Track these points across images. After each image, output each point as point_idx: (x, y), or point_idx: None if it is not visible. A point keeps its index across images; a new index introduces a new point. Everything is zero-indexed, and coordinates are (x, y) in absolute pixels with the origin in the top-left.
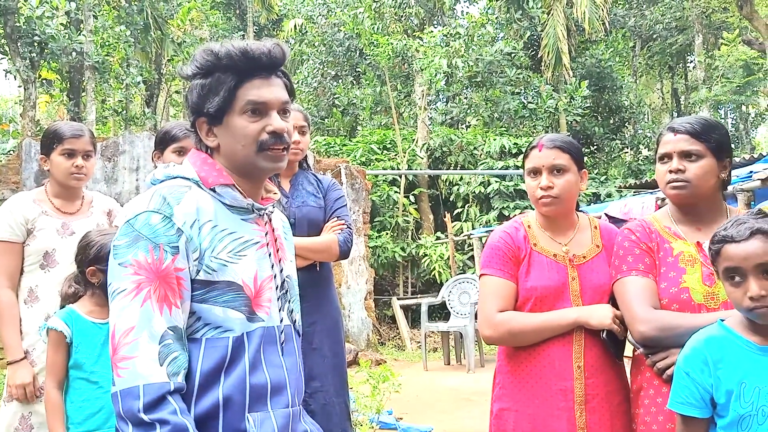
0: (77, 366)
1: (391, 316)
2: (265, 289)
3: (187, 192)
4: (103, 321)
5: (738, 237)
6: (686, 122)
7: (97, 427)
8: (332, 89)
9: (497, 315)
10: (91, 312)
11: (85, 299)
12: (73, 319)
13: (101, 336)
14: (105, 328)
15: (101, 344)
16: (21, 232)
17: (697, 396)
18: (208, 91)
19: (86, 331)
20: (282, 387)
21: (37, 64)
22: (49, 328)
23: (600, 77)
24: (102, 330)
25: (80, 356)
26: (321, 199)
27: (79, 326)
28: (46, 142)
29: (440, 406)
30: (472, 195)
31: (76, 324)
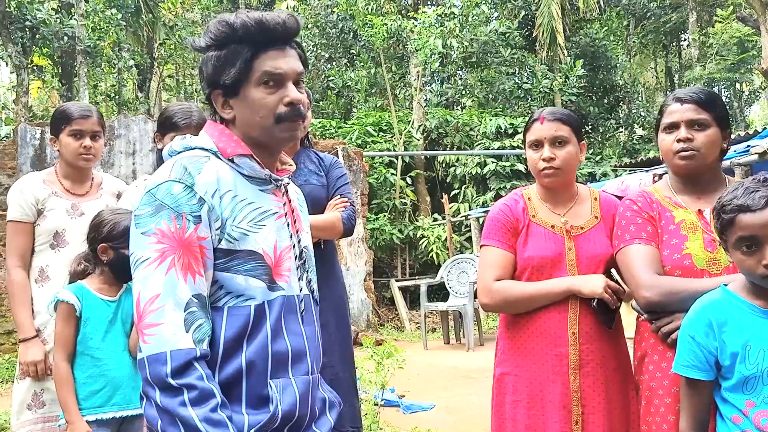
0: (84, 341)
1: (389, 297)
2: (285, 258)
3: (207, 162)
4: (111, 299)
5: (754, 206)
6: (692, 92)
7: (100, 405)
8: (326, 71)
9: (494, 284)
10: (100, 289)
11: (94, 277)
12: (83, 293)
13: (109, 313)
14: (113, 306)
15: (108, 321)
16: (32, 213)
17: (702, 359)
18: (224, 62)
19: (95, 307)
20: (302, 354)
21: (28, 50)
22: (59, 301)
23: (594, 56)
24: (110, 307)
25: (88, 331)
26: (323, 177)
27: (89, 301)
28: (55, 122)
29: (441, 384)
30: (469, 176)
31: (85, 299)
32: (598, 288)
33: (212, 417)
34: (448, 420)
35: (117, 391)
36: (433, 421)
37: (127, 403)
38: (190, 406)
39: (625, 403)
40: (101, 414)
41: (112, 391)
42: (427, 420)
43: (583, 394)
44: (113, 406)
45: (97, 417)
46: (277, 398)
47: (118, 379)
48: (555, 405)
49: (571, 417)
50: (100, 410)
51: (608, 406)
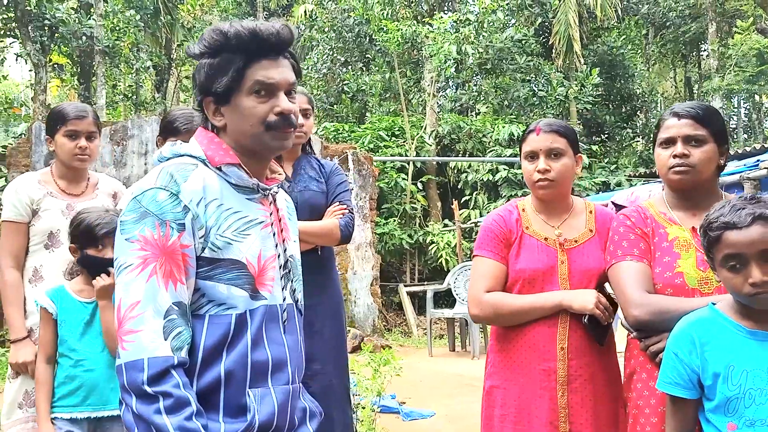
0: (61, 342)
1: (398, 302)
2: (269, 268)
3: (194, 170)
4: (88, 300)
5: (740, 223)
6: (689, 107)
7: (75, 404)
8: (341, 75)
9: (485, 295)
10: (81, 291)
11: (79, 278)
12: (61, 296)
13: (85, 314)
14: (90, 308)
15: (85, 323)
16: (26, 213)
17: (685, 377)
18: (216, 70)
19: (71, 309)
20: (283, 364)
21: (47, 48)
22: (39, 305)
23: (612, 65)
24: (87, 309)
25: (64, 332)
26: (323, 184)
27: (65, 303)
28: (51, 123)
29: (444, 391)
30: (481, 182)
31: (62, 301)
32: (588, 303)
33: (186, 426)
34: (448, 428)
35: (93, 392)
36: (433, 428)
37: (103, 403)
38: (165, 414)
39: (614, 420)
40: (76, 413)
41: (88, 392)
42: (427, 428)
43: (570, 411)
44: (88, 406)
45: (72, 416)
46: (254, 407)
47: (94, 380)
48: (542, 420)
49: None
50: (75, 409)
51: (596, 423)
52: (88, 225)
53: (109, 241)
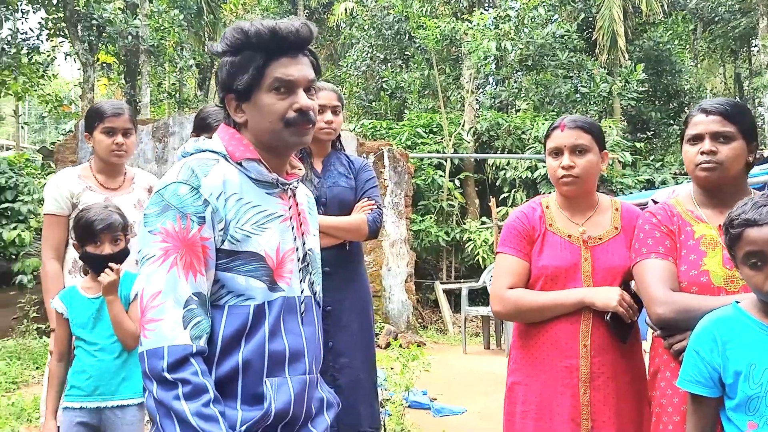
0: (76, 337)
1: (434, 300)
2: (287, 260)
3: (214, 165)
4: (95, 296)
5: (761, 221)
6: (717, 103)
7: (86, 394)
8: (380, 73)
9: (507, 292)
10: (89, 288)
11: (89, 275)
12: (71, 295)
13: (93, 309)
14: (96, 303)
15: (92, 317)
16: (66, 206)
17: (706, 375)
18: (237, 68)
19: (80, 306)
20: (300, 355)
21: (95, 48)
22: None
23: (658, 61)
24: (94, 304)
25: (75, 329)
26: (352, 180)
27: (75, 302)
28: (89, 120)
29: (477, 389)
30: (519, 180)
31: (72, 300)
32: (611, 301)
33: (204, 411)
34: (479, 426)
35: (102, 383)
36: (464, 425)
37: (111, 393)
38: (183, 400)
39: (638, 418)
40: (86, 403)
41: (98, 382)
42: (457, 424)
43: (593, 408)
44: (98, 396)
45: (82, 405)
46: (271, 396)
47: (103, 372)
48: (564, 417)
49: (580, 430)
50: (85, 399)
51: (619, 421)
52: (86, 222)
53: (106, 237)
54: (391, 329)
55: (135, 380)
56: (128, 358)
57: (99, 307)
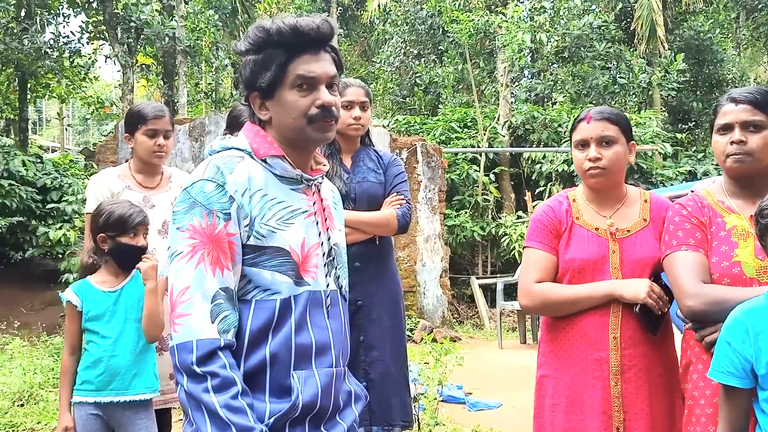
0: (90, 331)
1: (470, 295)
2: (312, 255)
3: (240, 162)
4: (111, 290)
5: None
6: (747, 92)
7: (98, 388)
8: (414, 68)
9: (534, 286)
10: (104, 282)
11: (102, 270)
12: (86, 289)
13: (109, 303)
14: (113, 297)
15: (108, 312)
16: None
17: (738, 365)
18: (261, 66)
19: (96, 300)
20: (326, 348)
21: (134, 50)
22: (66, 300)
23: (699, 50)
24: (110, 298)
25: (90, 323)
26: (381, 175)
27: (90, 296)
28: (131, 122)
29: (511, 383)
30: (555, 173)
31: (87, 294)
32: (640, 293)
33: (232, 404)
34: (514, 420)
35: (116, 377)
36: (498, 420)
37: (125, 388)
38: (212, 393)
39: (671, 410)
40: (99, 397)
41: (111, 377)
42: (492, 419)
43: (624, 401)
44: (111, 390)
45: (96, 400)
46: (298, 389)
47: (117, 366)
48: (595, 410)
49: (612, 423)
50: (99, 393)
51: (652, 413)
52: (120, 216)
53: (141, 229)
54: (426, 324)
55: (146, 376)
56: (142, 353)
57: (116, 300)
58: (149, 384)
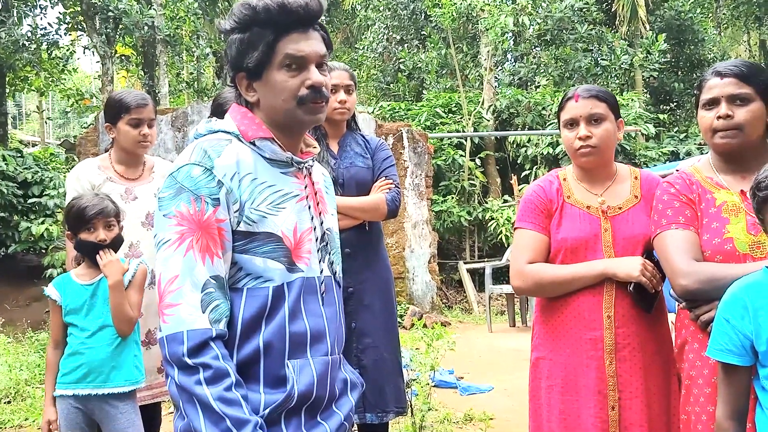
0: (70, 324)
1: (458, 280)
2: (305, 240)
3: (227, 145)
4: (88, 283)
5: None
6: (732, 65)
7: (76, 381)
8: (397, 54)
9: (526, 267)
10: (83, 275)
11: (84, 263)
12: (66, 283)
13: (86, 296)
14: (90, 289)
15: (86, 304)
16: None
17: (737, 343)
18: (247, 45)
19: (74, 293)
20: (321, 335)
21: (112, 40)
22: (47, 295)
23: (680, 30)
24: (87, 291)
25: (69, 316)
26: (369, 160)
27: (68, 289)
28: (112, 111)
29: (502, 367)
30: (540, 156)
31: (66, 287)
32: (634, 271)
33: (226, 396)
34: (506, 403)
35: (94, 370)
36: (490, 403)
37: (104, 381)
38: (205, 385)
39: (666, 389)
40: (78, 390)
41: (89, 370)
42: (484, 402)
43: (619, 380)
44: (89, 383)
45: (74, 392)
46: (293, 378)
47: (95, 359)
48: (590, 390)
49: (607, 402)
50: (77, 386)
51: (647, 391)
52: (78, 209)
53: (99, 222)
54: (415, 310)
55: (126, 369)
56: (120, 346)
57: (92, 293)
58: (129, 377)
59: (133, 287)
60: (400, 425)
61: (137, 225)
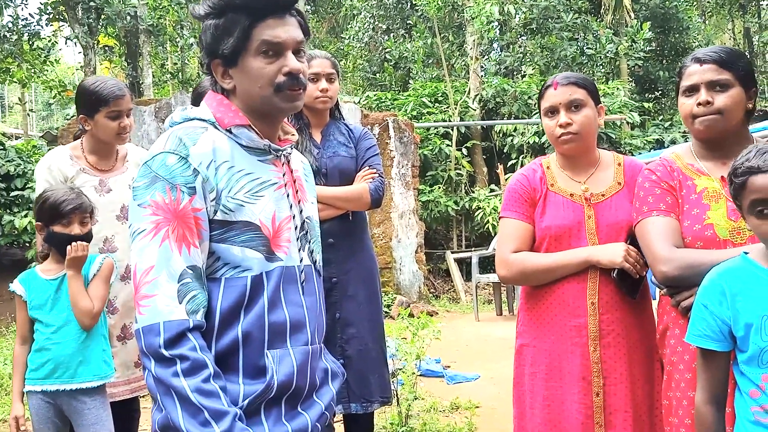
0: (36, 319)
1: (445, 269)
2: (284, 229)
3: (203, 133)
4: (52, 277)
5: (765, 167)
6: (711, 51)
7: (44, 377)
8: (383, 43)
9: (511, 256)
10: (48, 270)
11: (50, 258)
12: (31, 279)
13: (51, 291)
14: (54, 284)
15: (50, 299)
16: None
17: (715, 328)
18: (222, 31)
19: (38, 288)
20: (301, 325)
21: (95, 30)
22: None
23: (665, 18)
24: (52, 285)
25: (33, 311)
26: (353, 149)
27: (33, 284)
28: (89, 103)
29: (489, 355)
30: (527, 145)
31: (31, 282)
32: (617, 257)
33: (204, 387)
34: (492, 391)
35: (60, 365)
36: (477, 391)
37: (71, 377)
38: (182, 377)
39: (650, 375)
40: (46, 385)
41: (56, 365)
42: (470, 390)
43: (603, 366)
44: (57, 379)
45: (43, 388)
46: (273, 368)
47: (61, 354)
48: (574, 376)
49: (591, 388)
50: (45, 382)
51: (631, 377)
52: (54, 202)
53: (75, 217)
54: (402, 300)
55: (94, 363)
56: (86, 341)
57: (57, 288)
58: (97, 371)
59: (97, 279)
60: (386, 414)
61: (112, 219)
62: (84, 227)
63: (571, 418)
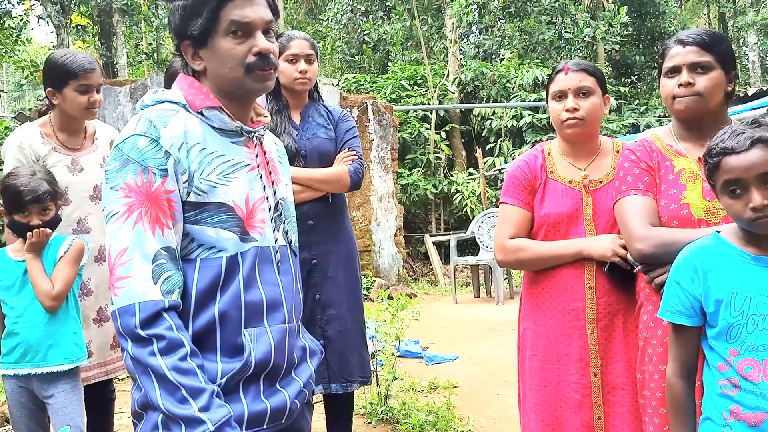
0: (3, 301)
1: (424, 253)
2: (258, 210)
3: (174, 115)
4: (21, 259)
5: (738, 148)
6: (694, 33)
7: (15, 361)
8: (362, 25)
9: (508, 242)
10: (17, 251)
11: (20, 240)
12: (0, 258)
13: (19, 272)
14: (23, 266)
15: (18, 281)
16: None
17: (687, 304)
18: (191, 12)
19: (7, 268)
20: (278, 304)
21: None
22: None
23: (642, 3)
24: (20, 267)
25: (1, 293)
26: (332, 131)
27: (3, 264)
28: (57, 76)
29: (467, 336)
30: (505, 129)
31: (1, 262)
32: (606, 251)
33: (181, 365)
34: (470, 371)
35: (31, 349)
36: (455, 371)
37: (41, 360)
38: (159, 356)
39: None
40: (18, 369)
41: (25, 348)
42: (449, 371)
43: (601, 347)
44: (27, 362)
45: (15, 372)
46: (250, 347)
47: (29, 338)
48: (572, 358)
49: (589, 369)
50: (16, 366)
51: (628, 357)
52: (12, 192)
53: (34, 208)
54: (382, 283)
55: (65, 346)
56: (54, 323)
57: (25, 270)
58: (68, 354)
59: (63, 261)
60: (366, 395)
61: (85, 199)
62: (45, 215)
63: (569, 398)
